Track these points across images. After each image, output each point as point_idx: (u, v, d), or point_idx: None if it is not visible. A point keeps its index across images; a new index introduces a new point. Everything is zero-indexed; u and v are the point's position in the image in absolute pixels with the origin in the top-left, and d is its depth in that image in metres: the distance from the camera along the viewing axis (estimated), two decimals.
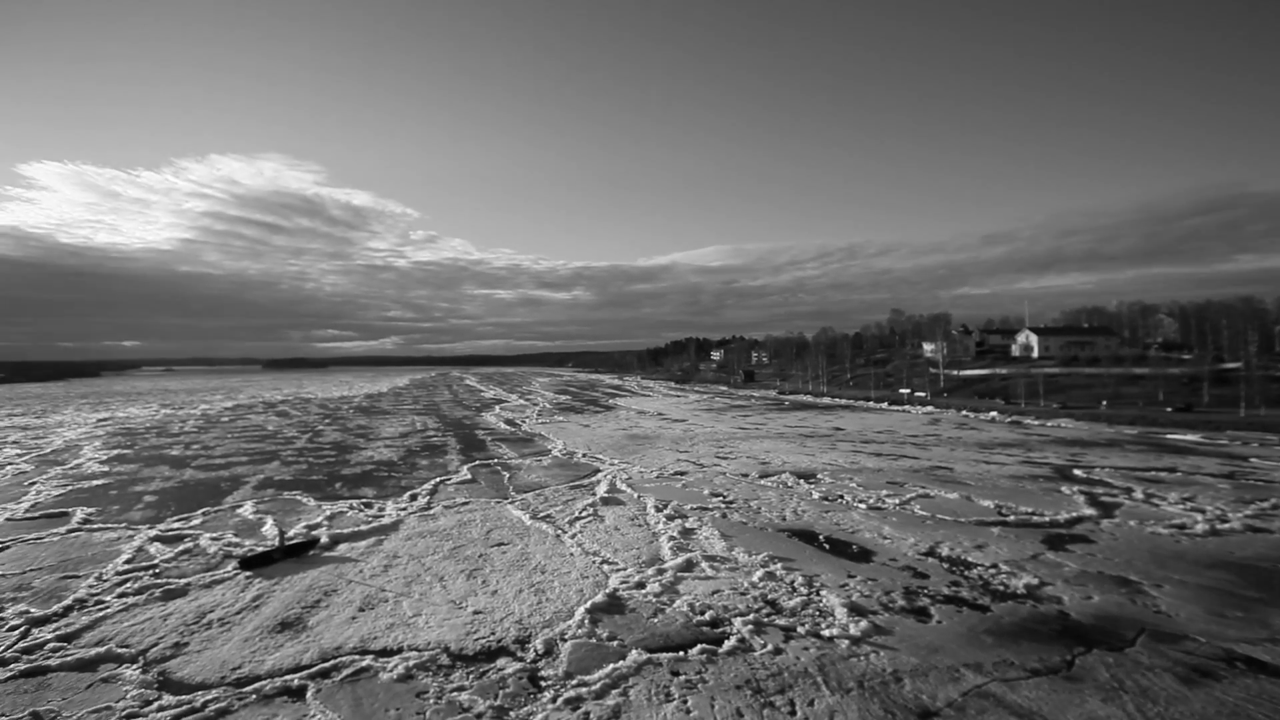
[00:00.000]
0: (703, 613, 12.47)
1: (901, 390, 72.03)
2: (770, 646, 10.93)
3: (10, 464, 31.69)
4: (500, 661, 10.61)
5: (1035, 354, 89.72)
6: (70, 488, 25.58)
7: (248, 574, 15.03)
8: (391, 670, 10.26)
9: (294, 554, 16.39)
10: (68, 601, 13.36)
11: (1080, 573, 14.48)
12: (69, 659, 10.80)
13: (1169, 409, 47.90)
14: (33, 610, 12.89)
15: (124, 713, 9.15)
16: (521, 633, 11.69)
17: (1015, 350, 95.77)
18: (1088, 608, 12.51)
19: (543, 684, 9.89)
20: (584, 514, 20.44)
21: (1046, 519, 19.19)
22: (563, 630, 11.75)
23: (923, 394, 67.68)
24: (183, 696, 9.56)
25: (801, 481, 25.30)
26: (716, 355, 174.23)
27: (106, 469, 30.14)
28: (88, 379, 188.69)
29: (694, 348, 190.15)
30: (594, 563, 15.65)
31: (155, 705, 9.32)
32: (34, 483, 26.64)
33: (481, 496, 23.37)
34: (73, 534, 18.72)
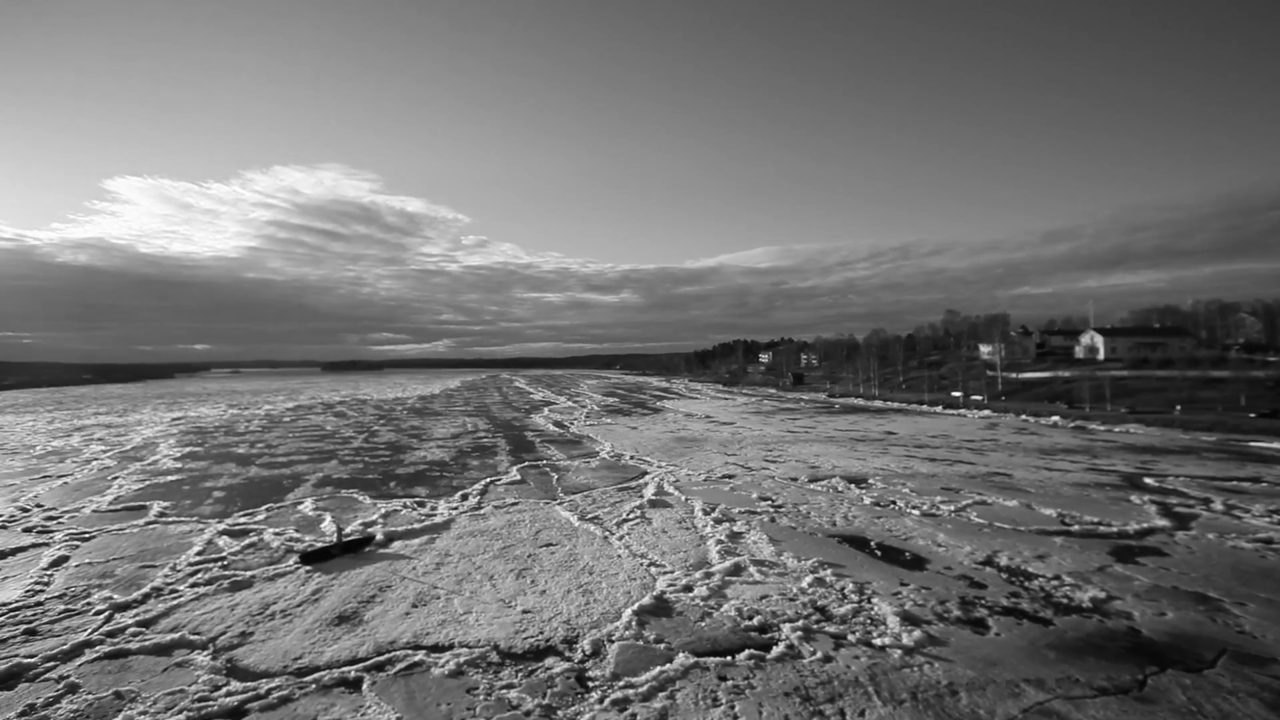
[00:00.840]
0: (750, 618, 12.35)
1: (952, 393, 69.84)
2: (820, 654, 10.74)
3: (96, 459, 33.79)
4: (548, 661, 10.73)
5: (1101, 356, 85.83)
6: (148, 483, 27.07)
7: (308, 568, 15.62)
8: (443, 666, 10.50)
9: (351, 550, 16.94)
10: (146, 589, 14.15)
11: (1153, 587, 13.74)
12: (147, 643, 11.44)
13: (1252, 415, 44.99)
14: (115, 596, 13.72)
15: (195, 696, 9.63)
16: (569, 633, 11.81)
17: (1079, 352, 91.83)
18: (1161, 625, 11.85)
19: (590, 684, 9.96)
20: (631, 516, 20.50)
21: (1114, 529, 18.28)
22: (610, 631, 11.81)
23: (979, 397, 65.42)
24: (248, 683, 10.01)
25: (852, 486, 24.81)
26: (765, 358, 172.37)
27: (180, 465, 31.78)
28: (163, 380, 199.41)
29: (742, 350, 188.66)
30: (641, 565, 15.69)
31: (224, 690, 9.78)
32: (116, 477, 28.32)
33: (530, 497, 23.69)
34: (150, 526, 19.80)
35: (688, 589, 13.98)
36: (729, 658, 10.70)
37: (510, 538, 18.24)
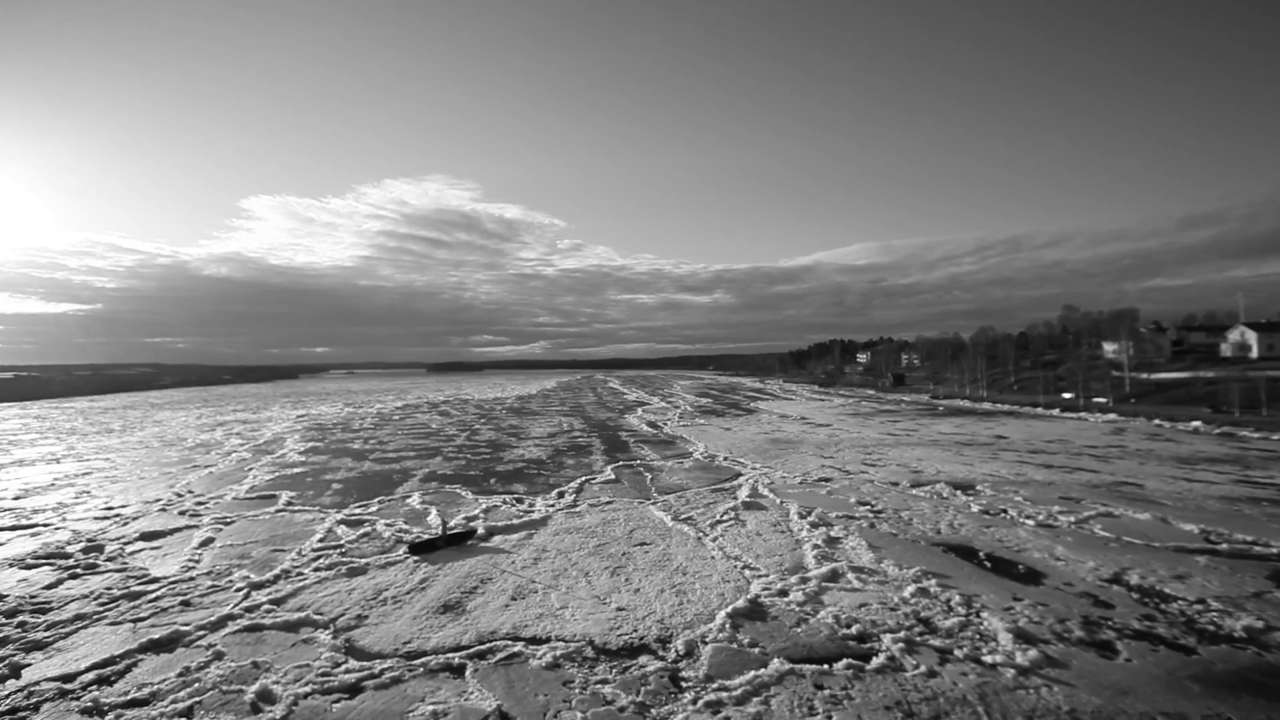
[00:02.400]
0: (849, 626, 11.95)
1: (1064, 394, 64.48)
2: (923, 668, 10.24)
3: (235, 452, 37.40)
4: (642, 659, 10.83)
5: (1254, 354, 76.78)
6: (277, 474, 29.61)
7: (415, 558, 16.55)
8: (541, 658, 10.83)
9: (454, 543, 17.79)
10: (276, 571, 15.50)
11: None
12: (278, 620, 12.54)
13: None
14: (252, 576, 15.13)
15: (319, 671, 10.46)
16: (663, 632, 11.87)
17: (1226, 350, 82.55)
18: None
19: (683, 684, 9.97)
20: (725, 518, 20.34)
21: (1274, 550, 16.24)
22: (703, 633, 11.77)
23: (1102, 400, 60.11)
24: (364, 663, 10.76)
25: (958, 493, 23.46)
26: (862, 358, 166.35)
27: (304, 459, 34.54)
28: (289, 380, 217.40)
29: (838, 350, 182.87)
30: (735, 567, 15.53)
31: (343, 668, 10.56)
32: (251, 468, 31.19)
33: (625, 496, 24.00)
34: (279, 513, 21.63)
35: (783, 593, 13.71)
36: (826, 666, 10.41)
37: (605, 536, 18.55)
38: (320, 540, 18.24)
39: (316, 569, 15.72)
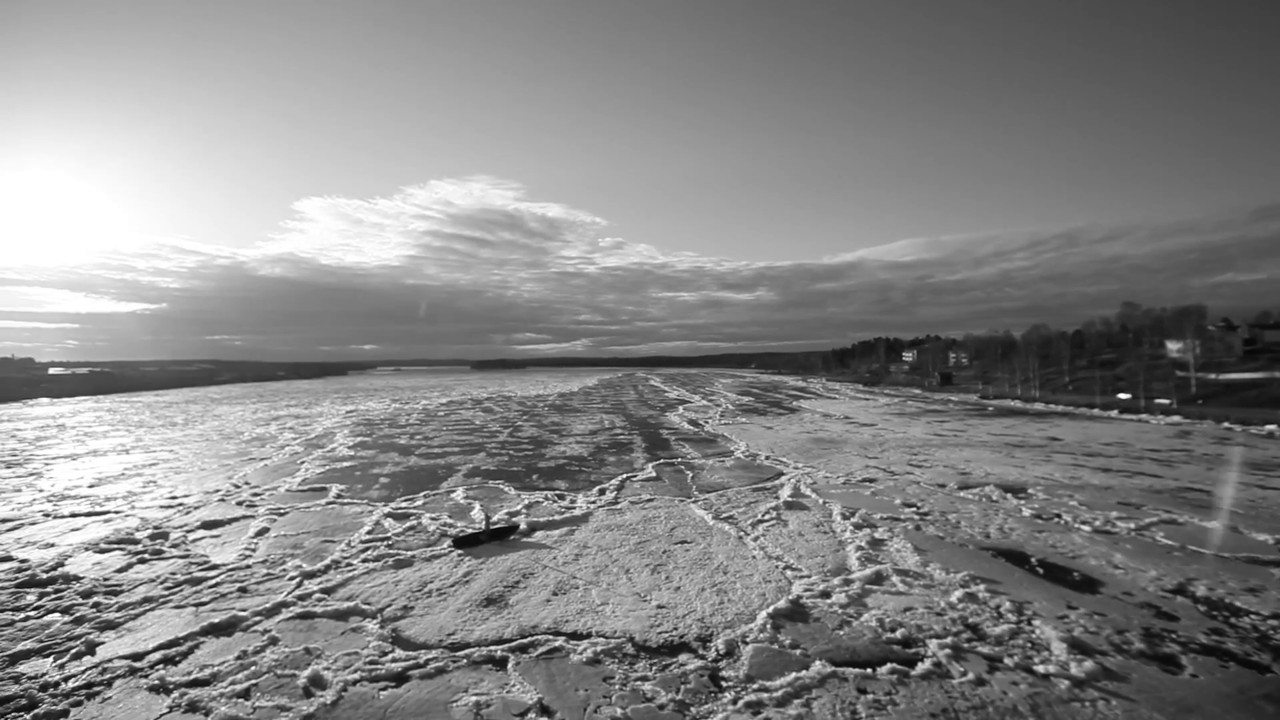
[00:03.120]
0: (893, 630, 11.71)
1: (1118, 395, 61.71)
2: (971, 675, 9.96)
3: (288, 446, 38.77)
4: (682, 657, 10.83)
5: None
6: (328, 468, 30.56)
7: (459, 552, 16.88)
8: (582, 653, 10.93)
9: (497, 537, 18.08)
10: (327, 561, 16.02)
11: None
12: (329, 609, 12.96)
13: None
14: (304, 565, 15.68)
15: (367, 659, 10.78)
16: (703, 631, 11.84)
17: None
18: None
19: (723, 684, 9.93)
20: (767, 517, 20.16)
21: None
22: (744, 633, 11.70)
23: (1165, 401, 57.37)
24: (410, 652, 11.04)
25: (1009, 496, 22.73)
26: (908, 356, 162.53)
27: (353, 453, 35.56)
28: (339, 377, 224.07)
29: (883, 348, 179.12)
30: (776, 567, 15.39)
31: (390, 657, 10.85)
32: (303, 462, 32.29)
33: (665, 494, 24.00)
34: (329, 506, 22.33)
35: (825, 595, 13.52)
36: (869, 670, 10.22)
37: (646, 533, 18.59)
38: (368, 533, 18.77)
39: (365, 560, 16.19)
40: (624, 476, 27.66)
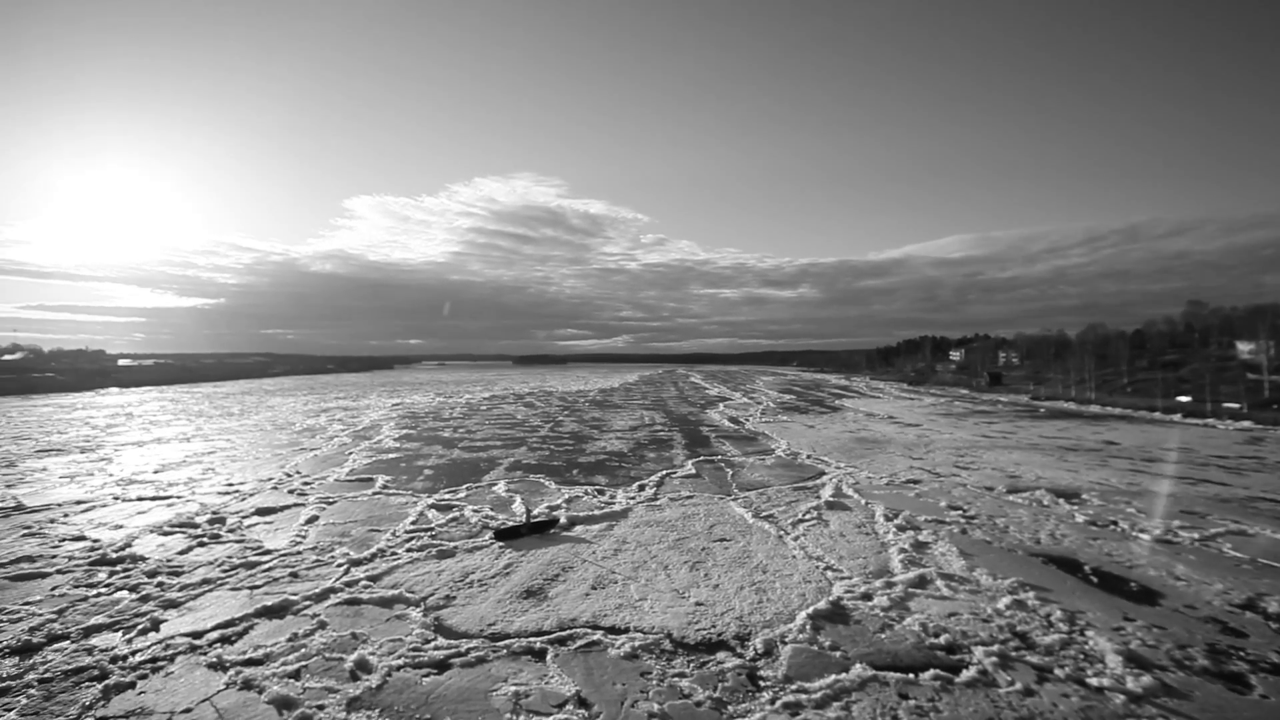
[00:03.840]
0: (937, 635, 11.44)
1: (1179, 398, 58.73)
2: (1019, 685, 9.67)
3: (336, 437, 39.97)
4: (719, 655, 10.80)
5: None
6: (374, 459, 31.40)
7: (500, 544, 17.15)
8: (620, 648, 10.99)
9: (538, 530, 18.30)
10: (373, 550, 16.48)
11: None
12: (375, 596, 13.33)
13: None
14: (351, 553, 16.16)
15: (410, 645, 11.07)
16: (741, 629, 11.78)
17: None
18: None
19: (761, 684, 9.87)
20: (807, 517, 19.91)
21: None
22: (783, 633, 11.59)
23: (1235, 405, 54.48)
24: (452, 640, 11.28)
25: (1061, 501, 21.93)
26: (955, 355, 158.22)
27: (398, 445, 36.45)
28: (385, 370, 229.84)
29: (929, 347, 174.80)
30: (817, 568, 15.19)
31: (432, 645, 11.11)
32: (351, 453, 33.24)
33: (705, 491, 23.92)
34: (375, 496, 22.94)
35: (866, 597, 13.29)
36: (911, 675, 10.01)
37: (685, 530, 18.58)
38: (413, 523, 19.22)
39: (409, 550, 16.59)
40: (663, 473, 27.67)
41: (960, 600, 13.12)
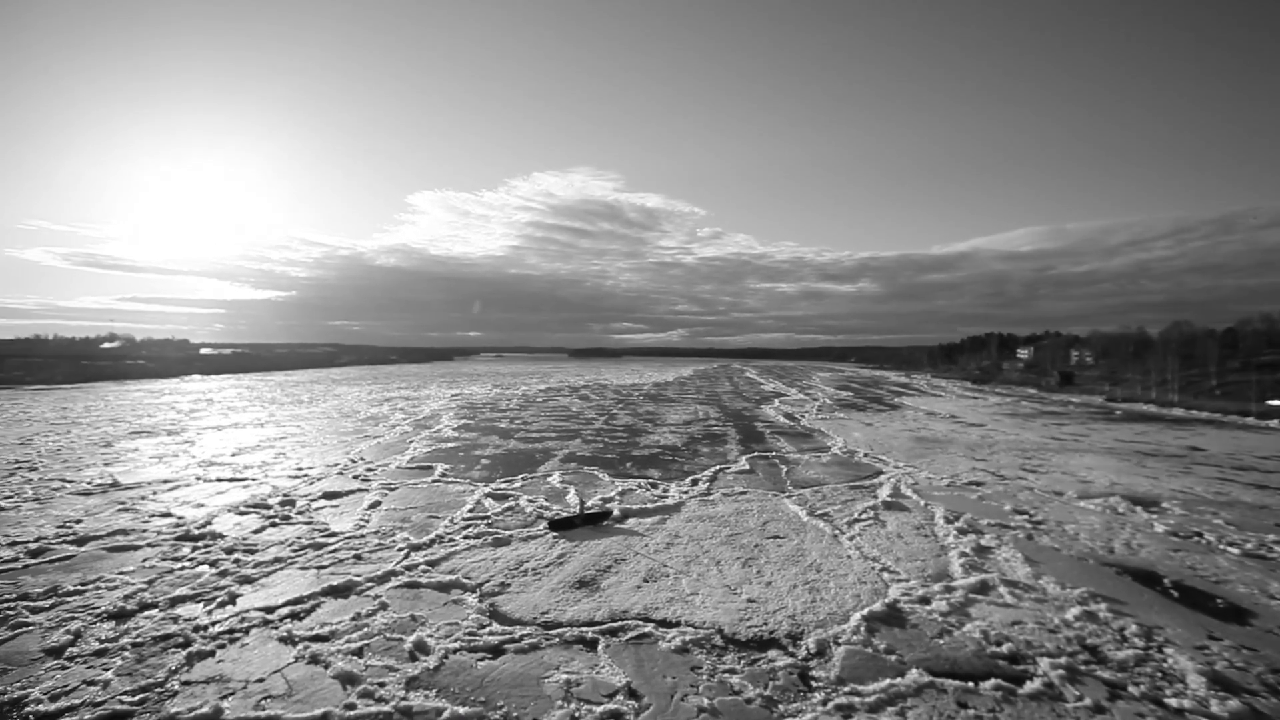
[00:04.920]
0: (999, 644, 11.01)
1: (1273, 402, 54.54)
2: (1088, 701, 9.21)
3: (398, 425, 41.35)
4: (771, 653, 10.69)
5: None
6: (434, 447, 32.35)
7: (554, 534, 17.42)
8: (670, 641, 11.02)
9: (591, 522, 18.49)
10: (432, 535, 17.00)
11: None
12: (433, 580, 13.76)
13: None
14: (411, 538, 16.71)
15: (466, 630, 11.39)
16: (793, 628, 11.63)
17: None
18: None
19: (813, 684, 9.72)
20: (864, 516, 19.47)
21: None
22: (836, 633, 11.39)
23: None
24: (506, 627, 11.54)
25: (1138, 509, 20.74)
26: (1023, 353, 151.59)
27: (457, 435, 37.43)
28: (444, 362, 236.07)
29: (995, 344, 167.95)
30: (873, 569, 14.85)
31: (487, 630, 11.40)
32: (412, 441, 34.32)
33: (759, 488, 23.68)
34: (435, 484, 23.63)
35: (924, 601, 12.92)
36: (970, 684, 9.68)
37: (738, 526, 18.45)
38: (470, 511, 19.71)
39: (466, 537, 17.04)
40: (717, 468, 27.52)
41: (1025, 608, 12.61)
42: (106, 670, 9.90)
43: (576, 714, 8.87)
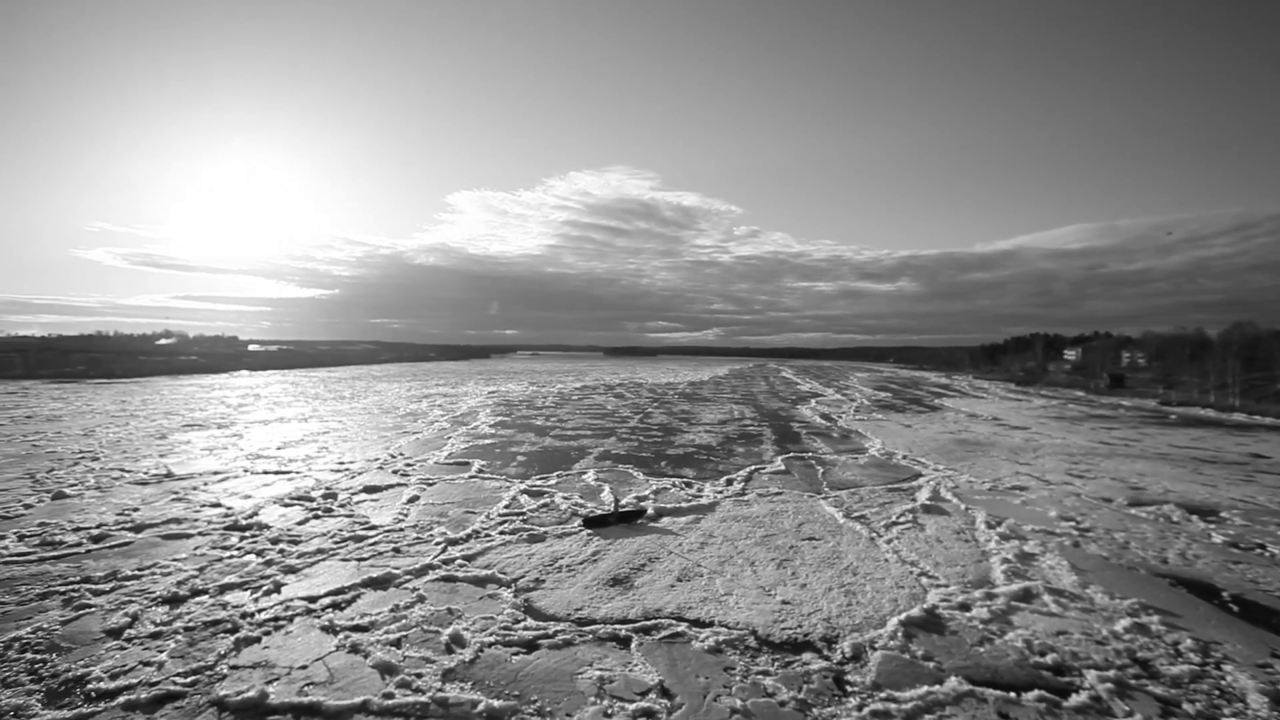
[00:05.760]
0: (1042, 654, 10.69)
1: None
2: (1139, 717, 8.87)
3: (436, 422, 42.08)
4: (805, 656, 10.58)
5: None
6: (471, 444, 32.84)
7: (588, 532, 17.52)
8: (704, 641, 10.99)
9: (625, 520, 18.55)
10: (468, 531, 17.26)
11: None
12: (469, 575, 13.98)
13: None
14: (449, 533, 17.00)
15: (501, 624, 11.54)
16: (828, 631, 11.48)
17: None
18: None
19: (848, 689, 9.58)
20: (902, 519, 19.11)
21: None
22: (872, 638, 11.21)
23: None
24: (540, 622, 11.65)
25: (1194, 518, 19.88)
26: (1071, 354, 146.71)
27: (493, 431, 37.92)
28: (481, 359, 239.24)
29: (1041, 345, 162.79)
30: (911, 573, 14.56)
31: (521, 625, 11.53)
32: (449, 437, 34.90)
33: (794, 489, 23.44)
34: (472, 480, 23.99)
35: (964, 607, 12.61)
36: (1012, 694, 9.41)
37: (772, 527, 18.29)
38: (505, 507, 19.96)
39: (501, 532, 17.26)
40: (752, 468, 27.33)
41: (1070, 618, 12.21)
42: (161, 652, 10.33)
43: (609, 711, 8.91)
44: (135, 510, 18.80)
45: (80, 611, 11.89)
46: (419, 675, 9.77)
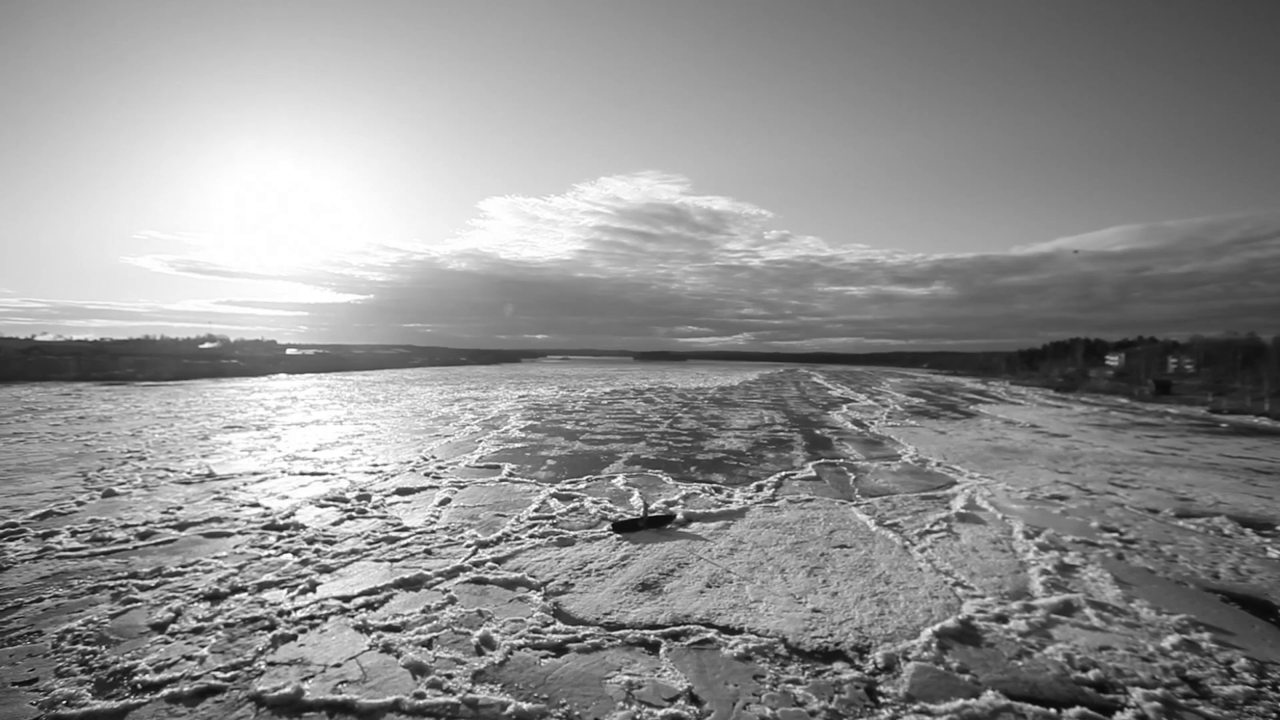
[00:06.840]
0: (1084, 669, 10.35)
1: None
2: None
3: (468, 425, 42.59)
4: (836, 665, 10.42)
5: None
6: (501, 447, 33.14)
7: (618, 536, 17.53)
8: (733, 648, 10.90)
9: (654, 525, 18.52)
10: (499, 534, 17.41)
11: None
12: (499, 577, 14.09)
13: None
14: (479, 536, 17.17)
15: (530, 627, 11.61)
16: (860, 641, 11.30)
17: None
18: None
19: (880, 699, 9.41)
20: (936, 528, 18.71)
21: None
22: (905, 649, 10.99)
23: None
24: (569, 626, 11.69)
25: (1247, 531, 19.08)
26: (1113, 360, 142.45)
27: (524, 435, 38.22)
28: (512, 364, 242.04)
29: (1081, 350, 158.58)
30: (945, 583, 14.25)
31: (550, 628, 11.58)
32: (480, 441, 35.28)
33: (825, 495, 23.14)
34: (502, 483, 24.21)
35: (1001, 619, 12.29)
36: (1052, 710, 9.13)
37: (803, 534, 18.09)
38: (535, 510, 20.09)
39: (531, 536, 17.37)
40: (782, 474, 27.06)
41: (1114, 633, 11.82)
42: (203, 647, 10.63)
43: (637, 716, 8.89)
44: (179, 509, 19.40)
45: (128, 606, 12.31)
46: (449, 676, 9.88)
